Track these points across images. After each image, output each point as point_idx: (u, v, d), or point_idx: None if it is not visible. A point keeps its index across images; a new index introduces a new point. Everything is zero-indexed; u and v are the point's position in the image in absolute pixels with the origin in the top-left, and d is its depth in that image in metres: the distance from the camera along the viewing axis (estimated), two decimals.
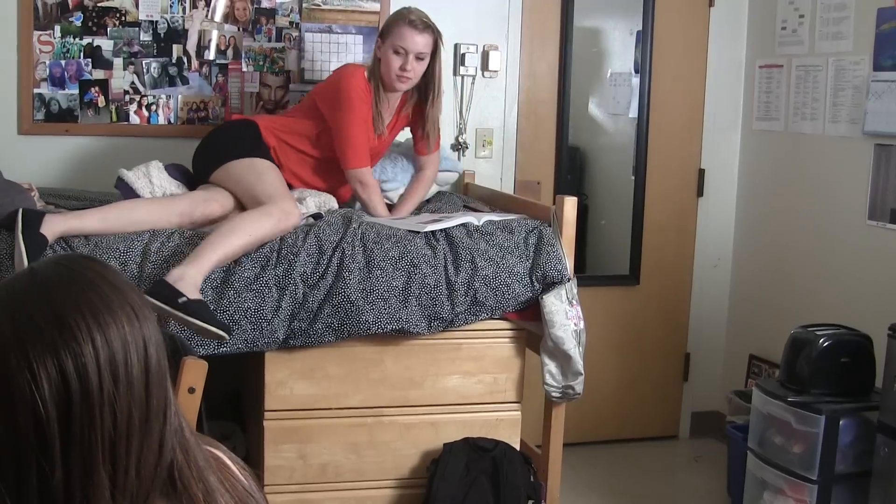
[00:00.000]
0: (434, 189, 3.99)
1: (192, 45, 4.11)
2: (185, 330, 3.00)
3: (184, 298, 2.93)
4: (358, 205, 3.82)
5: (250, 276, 3.15)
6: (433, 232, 3.38)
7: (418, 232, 3.35)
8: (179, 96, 4.12)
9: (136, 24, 4.03)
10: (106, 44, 4.01)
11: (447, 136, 4.46)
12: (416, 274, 3.27)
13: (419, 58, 3.57)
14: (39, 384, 1.08)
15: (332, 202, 3.72)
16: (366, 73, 3.60)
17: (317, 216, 3.46)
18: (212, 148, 3.62)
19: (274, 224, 3.22)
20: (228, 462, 1.32)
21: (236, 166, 3.48)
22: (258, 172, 3.46)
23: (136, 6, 4.02)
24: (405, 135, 4.25)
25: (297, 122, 3.67)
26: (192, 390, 2.36)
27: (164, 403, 1.17)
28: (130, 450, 1.13)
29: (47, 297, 1.13)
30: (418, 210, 3.82)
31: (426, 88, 3.69)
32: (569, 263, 3.40)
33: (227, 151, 3.53)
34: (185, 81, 4.12)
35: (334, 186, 3.75)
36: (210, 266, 3.06)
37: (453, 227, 3.42)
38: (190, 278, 2.99)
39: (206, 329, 2.95)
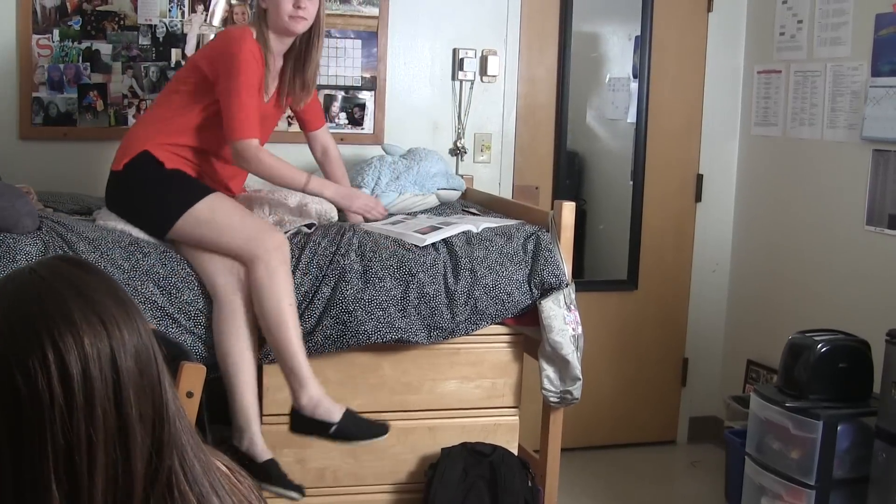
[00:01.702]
0: (435, 202, 3.96)
1: (190, 50, 4.11)
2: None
3: (333, 426, 3.04)
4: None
5: None
6: (431, 242, 3.37)
7: (419, 246, 3.34)
8: None
9: (135, 28, 4.04)
10: (105, 48, 4.01)
11: (446, 141, 4.47)
12: (414, 283, 3.26)
13: None
14: None
15: (332, 212, 3.72)
16: (254, 34, 3.22)
17: (310, 225, 3.43)
18: (136, 213, 3.24)
19: (284, 268, 3.10)
20: (226, 470, 1.31)
21: (181, 230, 3.14)
22: (208, 222, 3.12)
23: (135, 10, 4.02)
24: (406, 140, 4.25)
25: (179, 117, 3.26)
26: (190, 394, 2.36)
27: (151, 412, 1.15)
28: (94, 463, 1.10)
29: (6, 305, 1.12)
30: (415, 214, 3.81)
31: (308, 32, 3.34)
32: (567, 268, 3.40)
33: (157, 216, 3.19)
34: None
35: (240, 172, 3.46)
36: (307, 368, 3.08)
37: (452, 235, 3.41)
38: (319, 399, 3.08)
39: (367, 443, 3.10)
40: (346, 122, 4.34)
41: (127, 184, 3.24)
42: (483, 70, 4.49)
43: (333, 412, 3.05)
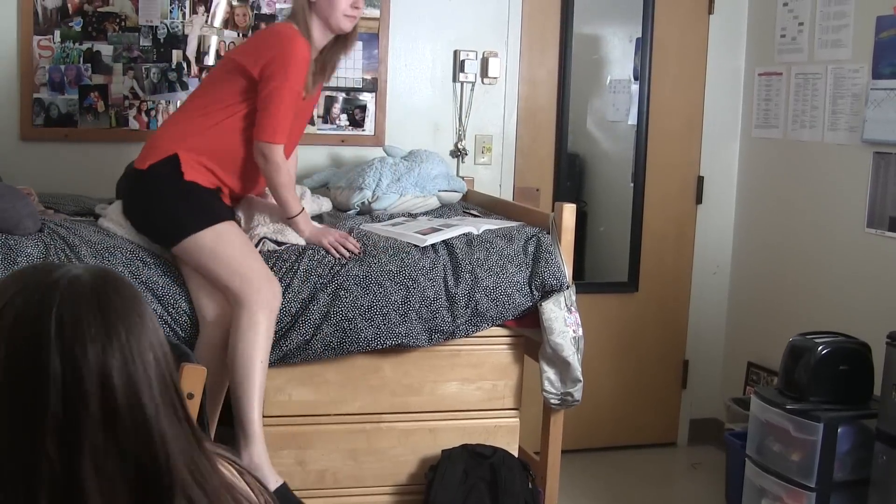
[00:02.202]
0: (436, 204, 3.96)
1: (191, 51, 4.11)
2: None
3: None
4: (352, 212, 3.82)
5: None
6: (431, 243, 3.37)
7: (418, 246, 3.34)
8: (179, 102, 4.12)
9: (136, 29, 4.04)
10: (106, 49, 4.01)
11: (447, 142, 4.47)
12: (414, 288, 3.26)
13: None
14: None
15: (326, 204, 3.72)
16: (298, 31, 3.17)
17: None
18: (146, 218, 3.19)
19: (267, 323, 3.05)
20: (230, 476, 1.31)
21: (184, 249, 3.09)
22: (211, 250, 3.07)
23: (136, 11, 4.02)
24: (407, 142, 4.26)
25: (223, 118, 3.18)
26: (190, 396, 2.36)
27: (139, 428, 1.16)
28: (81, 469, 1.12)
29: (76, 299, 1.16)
30: (415, 216, 3.81)
31: (350, 33, 3.33)
32: (567, 270, 3.40)
33: (165, 229, 3.14)
34: (184, 87, 4.12)
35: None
36: (259, 428, 3.03)
37: (453, 237, 3.41)
38: (260, 464, 3.01)
39: None
40: (347, 123, 4.35)
41: (145, 186, 3.18)
42: (484, 72, 4.49)
43: (269, 481, 2.97)
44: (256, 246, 3.27)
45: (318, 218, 3.64)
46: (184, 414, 1.20)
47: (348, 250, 3.24)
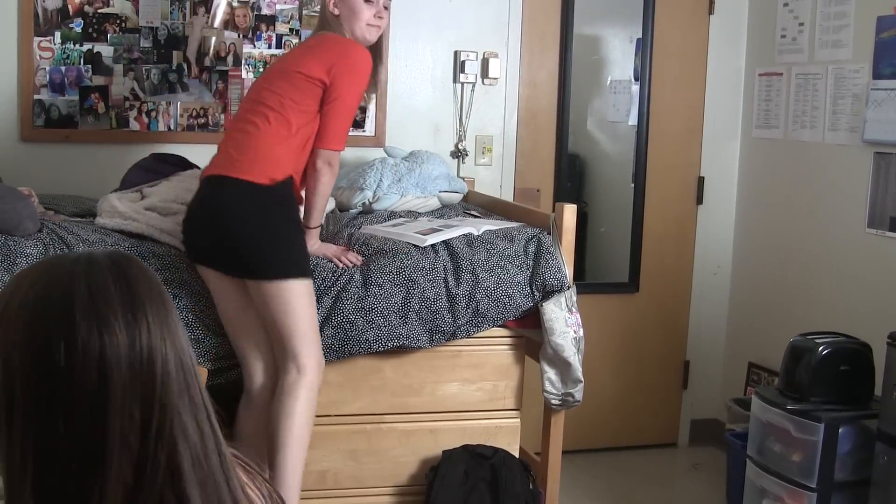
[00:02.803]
0: (437, 204, 3.97)
1: (192, 52, 4.11)
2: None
3: None
4: (353, 211, 3.82)
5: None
6: (432, 244, 3.37)
7: (419, 246, 3.34)
8: (179, 103, 4.12)
9: (137, 30, 4.04)
10: (106, 50, 4.01)
11: (447, 143, 4.47)
12: (415, 289, 3.26)
13: (386, 6, 3.27)
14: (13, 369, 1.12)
15: (330, 203, 3.72)
16: None
17: None
18: (251, 238, 3.01)
19: (313, 392, 3.05)
20: (241, 473, 1.32)
21: (268, 289, 3.00)
22: (288, 302, 3.01)
23: (137, 12, 4.03)
24: (407, 143, 4.26)
25: (308, 132, 3.12)
26: None
27: (159, 432, 1.16)
28: (113, 453, 1.13)
29: (72, 287, 1.16)
30: (416, 216, 3.81)
31: (378, 43, 3.32)
32: (568, 271, 3.40)
33: (270, 260, 3.01)
34: (185, 88, 4.12)
35: None
36: (295, 495, 3.01)
37: (453, 238, 3.41)
38: None
39: None
40: None
41: (266, 208, 3.02)
42: (484, 72, 4.49)
43: None
44: None
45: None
46: (202, 398, 1.22)
47: (350, 261, 3.25)
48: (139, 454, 1.13)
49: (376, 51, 3.29)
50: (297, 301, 3.01)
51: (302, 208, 3.21)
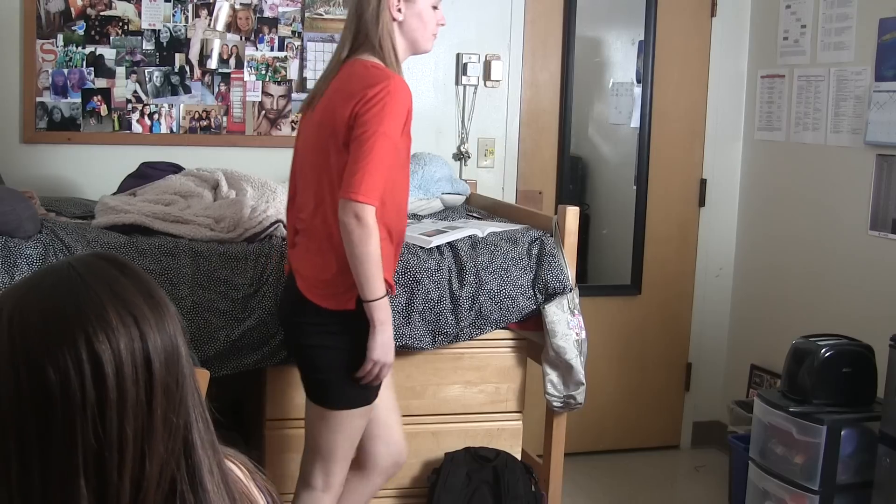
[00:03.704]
0: (439, 206, 3.97)
1: (194, 54, 4.12)
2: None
3: None
4: None
5: (256, 298, 3.16)
6: (437, 245, 3.37)
7: (424, 248, 3.34)
8: (182, 105, 4.13)
9: (139, 32, 4.04)
10: (108, 52, 4.02)
11: (449, 145, 4.47)
12: (419, 290, 3.26)
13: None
14: (22, 389, 1.08)
15: None
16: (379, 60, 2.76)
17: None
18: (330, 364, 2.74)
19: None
20: (243, 478, 1.32)
21: (333, 415, 2.77)
22: (345, 433, 2.80)
23: (139, 15, 4.03)
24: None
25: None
26: None
27: (179, 420, 1.16)
28: (124, 465, 1.11)
29: (43, 301, 1.12)
30: (419, 219, 3.81)
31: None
32: (570, 273, 3.40)
33: (329, 385, 2.75)
34: (187, 90, 4.12)
35: None
36: None
37: (458, 239, 3.41)
38: None
39: None
40: None
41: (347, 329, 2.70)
42: (486, 75, 4.49)
43: None
44: (270, 227, 3.28)
45: None
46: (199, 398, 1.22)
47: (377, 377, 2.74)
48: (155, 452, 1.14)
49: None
50: (339, 428, 2.79)
51: None
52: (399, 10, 2.75)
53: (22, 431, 1.09)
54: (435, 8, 2.83)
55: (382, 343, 2.65)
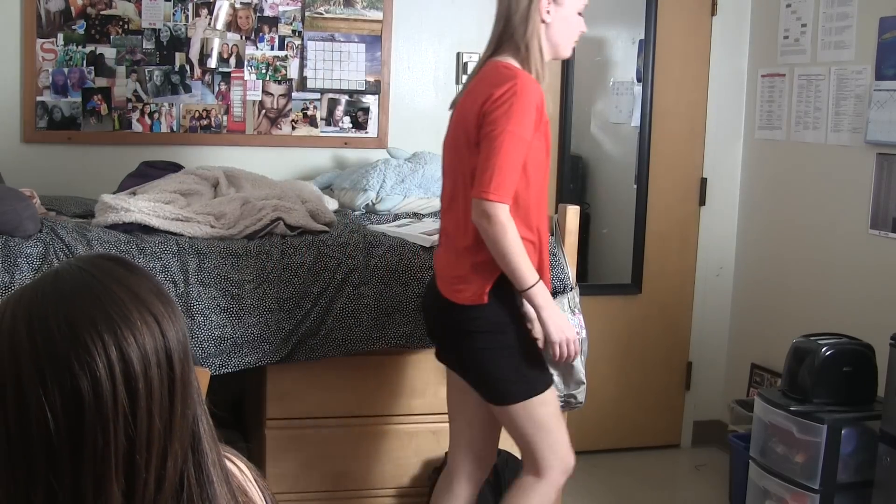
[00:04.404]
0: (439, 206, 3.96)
1: (194, 54, 4.12)
2: None
3: None
4: (357, 213, 3.81)
5: (257, 295, 3.15)
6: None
7: (424, 246, 3.34)
8: (182, 104, 4.13)
9: (139, 32, 4.04)
10: (109, 52, 4.02)
11: None
12: (419, 289, 3.26)
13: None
14: (51, 398, 1.07)
15: (332, 203, 3.71)
16: (519, 64, 2.77)
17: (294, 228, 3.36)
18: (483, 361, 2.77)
19: (546, 498, 2.87)
20: (239, 475, 1.32)
21: (512, 411, 2.80)
22: (532, 416, 2.81)
23: (139, 14, 4.03)
24: (409, 144, 4.25)
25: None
26: None
27: (189, 413, 1.17)
28: (150, 462, 1.11)
29: (64, 307, 1.11)
30: (420, 217, 3.81)
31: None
32: (571, 272, 3.40)
33: (501, 383, 2.78)
34: (187, 89, 4.12)
35: None
36: None
37: None
38: None
39: None
40: (350, 126, 4.35)
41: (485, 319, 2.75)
42: None
43: None
44: (270, 225, 3.28)
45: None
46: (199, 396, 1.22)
47: (569, 354, 2.80)
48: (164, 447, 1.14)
49: None
50: (530, 418, 2.82)
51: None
52: (548, 13, 2.77)
53: (51, 446, 1.08)
54: (579, 14, 2.84)
55: (554, 322, 2.71)
